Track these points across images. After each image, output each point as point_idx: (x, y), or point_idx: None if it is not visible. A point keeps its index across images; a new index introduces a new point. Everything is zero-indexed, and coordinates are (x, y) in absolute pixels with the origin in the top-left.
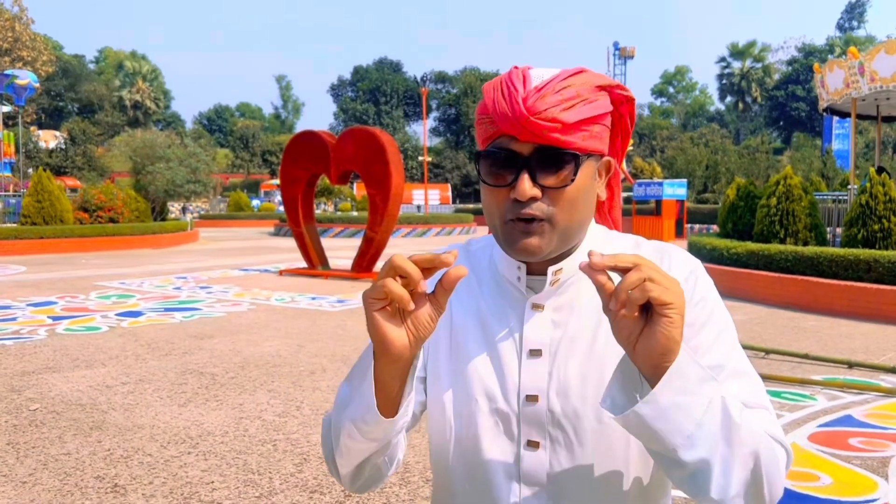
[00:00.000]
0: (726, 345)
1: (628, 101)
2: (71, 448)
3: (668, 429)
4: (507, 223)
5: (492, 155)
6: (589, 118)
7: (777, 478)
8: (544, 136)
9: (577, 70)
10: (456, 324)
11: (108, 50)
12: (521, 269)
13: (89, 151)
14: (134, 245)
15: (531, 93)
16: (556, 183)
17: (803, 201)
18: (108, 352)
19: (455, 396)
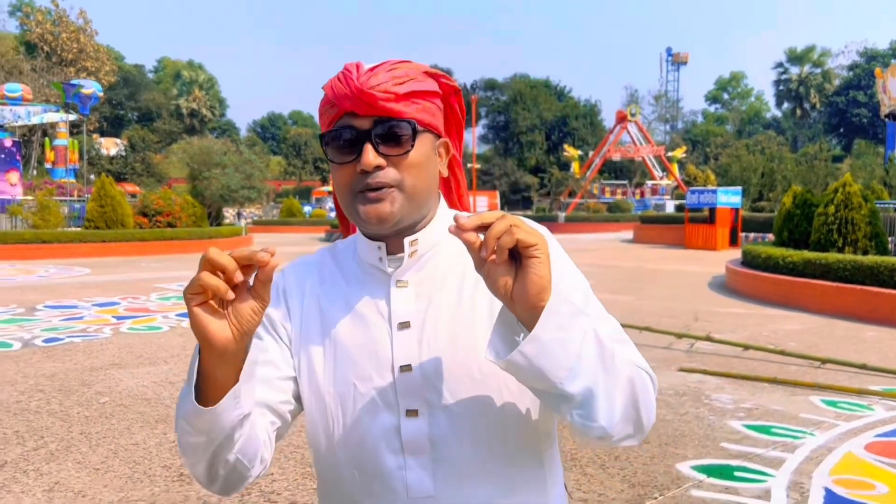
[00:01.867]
0: (581, 294)
1: (455, 91)
2: (139, 439)
3: (551, 364)
4: (357, 195)
5: (335, 133)
6: (419, 91)
7: (650, 403)
8: (379, 106)
9: (404, 60)
10: (326, 318)
11: (167, 59)
12: (382, 249)
13: (148, 158)
14: (191, 249)
15: (365, 73)
16: (398, 151)
17: (863, 209)
18: (170, 350)
19: (334, 384)
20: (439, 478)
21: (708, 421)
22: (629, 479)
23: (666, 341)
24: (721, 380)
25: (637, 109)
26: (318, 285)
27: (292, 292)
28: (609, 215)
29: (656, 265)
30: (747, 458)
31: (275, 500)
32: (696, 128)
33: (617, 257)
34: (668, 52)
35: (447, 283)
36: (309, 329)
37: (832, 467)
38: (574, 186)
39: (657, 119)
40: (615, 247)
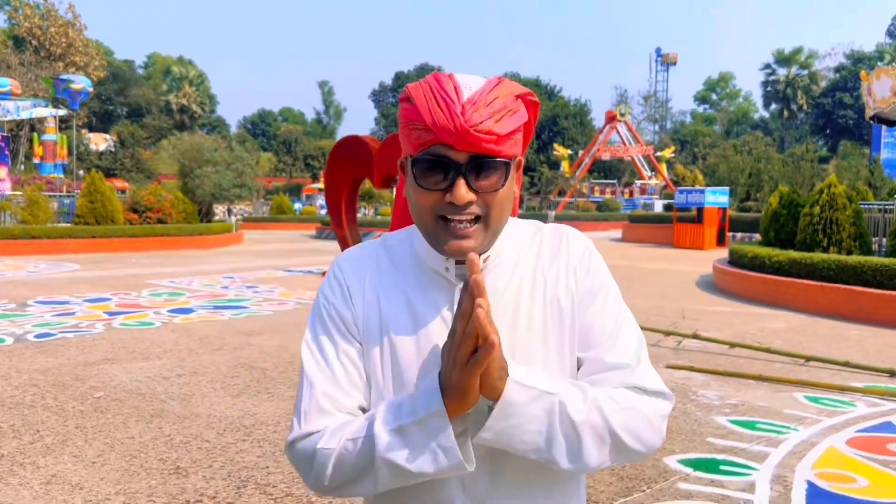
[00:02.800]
0: (611, 314)
1: (535, 105)
2: (134, 433)
3: (513, 446)
4: (439, 220)
5: (428, 162)
6: (516, 129)
7: (645, 430)
8: (481, 147)
9: (497, 81)
10: (385, 316)
11: (157, 55)
12: (450, 261)
13: (137, 154)
14: (181, 245)
15: (467, 106)
16: (490, 187)
17: (847, 210)
18: (163, 345)
19: (394, 386)
20: (495, 487)
21: (694, 416)
22: (617, 472)
23: (654, 339)
24: (707, 376)
25: (626, 109)
26: (377, 282)
27: (354, 289)
28: (598, 214)
29: (645, 264)
30: (732, 452)
31: (271, 492)
32: (685, 128)
33: (606, 256)
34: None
35: (506, 296)
36: (370, 329)
37: (815, 461)
38: (564, 185)
39: (646, 119)
40: (604, 246)
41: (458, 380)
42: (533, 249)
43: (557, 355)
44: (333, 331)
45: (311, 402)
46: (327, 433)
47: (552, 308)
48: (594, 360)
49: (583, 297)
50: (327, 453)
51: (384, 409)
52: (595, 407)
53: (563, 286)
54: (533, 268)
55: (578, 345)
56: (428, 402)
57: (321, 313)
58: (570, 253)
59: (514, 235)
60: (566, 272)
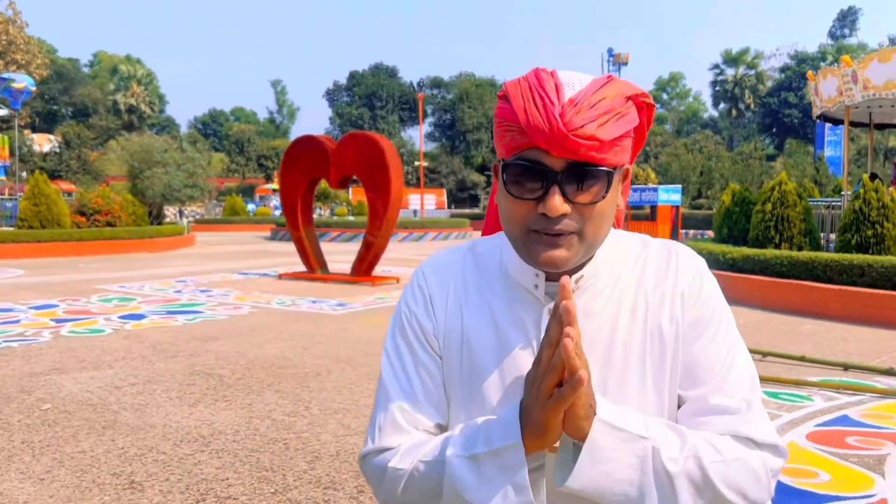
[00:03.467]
0: (722, 348)
1: (649, 107)
2: (85, 446)
3: (604, 494)
4: (531, 233)
5: (521, 168)
6: (623, 134)
7: (751, 487)
8: (580, 154)
9: (607, 79)
10: (468, 330)
11: (103, 54)
12: (539, 277)
13: (84, 155)
14: (131, 249)
15: (567, 107)
16: (588, 199)
17: (798, 207)
18: (114, 353)
19: (471, 406)
20: None
21: None
22: None
23: None
24: None
25: None
26: (461, 293)
27: (437, 299)
28: None
29: None
30: None
31: None
32: None
33: None
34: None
35: (601, 318)
36: (450, 343)
37: None
38: None
39: None
40: None
41: (538, 415)
42: (637, 268)
43: (656, 391)
44: (414, 341)
45: (387, 416)
46: (400, 451)
47: (653, 337)
48: (698, 400)
49: (690, 327)
50: (399, 474)
51: (459, 434)
52: (693, 456)
53: (667, 312)
54: (635, 289)
55: (681, 381)
56: (505, 433)
57: (402, 322)
58: (679, 274)
59: (616, 251)
60: (672, 296)
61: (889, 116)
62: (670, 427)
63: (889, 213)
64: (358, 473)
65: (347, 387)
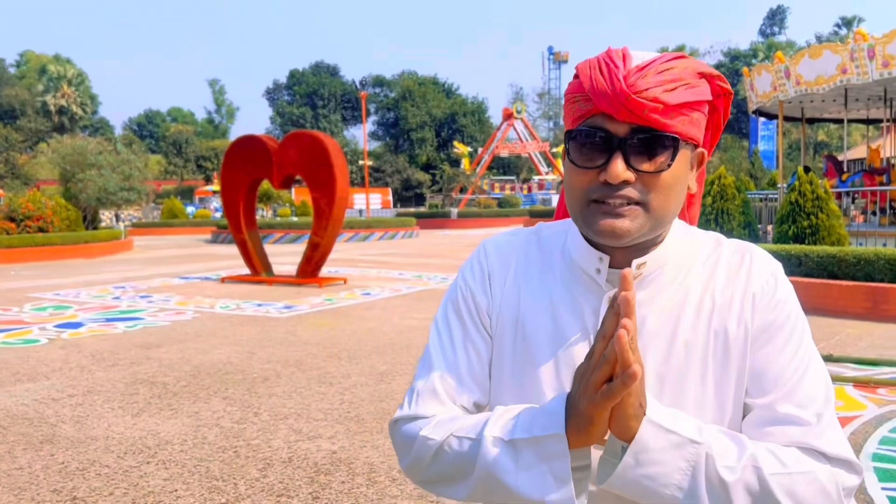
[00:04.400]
0: (794, 355)
1: (726, 94)
2: (23, 462)
3: (649, 498)
4: (591, 204)
5: (584, 134)
6: (690, 102)
7: (819, 502)
8: (644, 116)
9: (678, 54)
10: (524, 313)
11: (30, 53)
12: (603, 262)
13: (12, 159)
14: (65, 255)
15: (632, 71)
16: (652, 167)
17: (737, 200)
18: (51, 364)
19: (521, 390)
20: None
21: None
22: None
23: None
24: None
25: (522, 107)
26: (521, 274)
27: (496, 277)
28: (499, 210)
29: None
30: None
31: None
32: None
33: None
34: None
35: (665, 313)
36: (504, 323)
37: None
38: (465, 182)
39: (541, 116)
40: None
41: (585, 408)
42: (707, 266)
43: (717, 396)
44: (466, 316)
45: (427, 383)
46: (435, 422)
47: (718, 338)
48: (765, 408)
49: (760, 332)
50: (431, 444)
51: (499, 416)
52: (753, 466)
53: (735, 314)
54: (703, 287)
55: (749, 389)
56: (548, 422)
57: (457, 295)
58: (752, 275)
59: (688, 246)
60: (742, 298)
61: (820, 111)
62: (728, 434)
63: (823, 205)
64: (312, 479)
65: (297, 391)
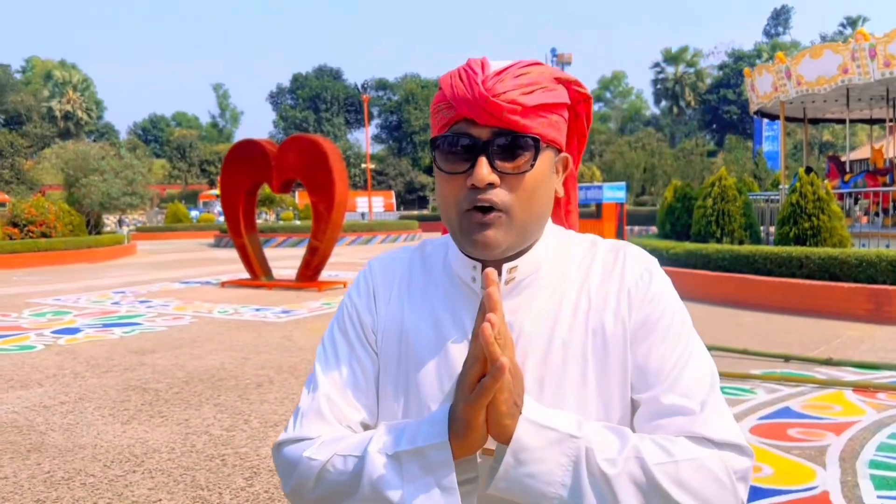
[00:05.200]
0: (675, 347)
1: (585, 99)
2: (8, 472)
3: (534, 498)
4: (464, 213)
5: (448, 140)
6: (548, 104)
7: (709, 489)
8: (503, 119)
9: (534, 61)
10: (408, 327)
11: (36, 59)
12: (476, 269)
13: (17, 164)
14: (68, 260)
15: (490, 76)
16: (515, 169)
17: (738, 202)
18: (45, 371)
19: (406, 403)
20: None
21: None
22: None
23: None
24: None
25: None
26: (405, 289)
27: (381, 294)
28: None
29: None
30: None
31: None
32: None
33: None
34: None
35: (542, 317)
36: (389, 338)
37: None
38: None
39: None
40: None
41: (462, 411)
42: (582, 268)
43: (598, 393)
44: (352, 334)
45: (312, 404)
46: (318, 442)
47: (596, 336)
48: (650, 402)
49: (638, 327)
50: (314, 465)
51: (383, 431)
52: (634, 457)
53: (612, 311)
54: (579, 288)
55: (634, 384)
56: (432, 432)
57: (343, 314)
58: (626, 272)
59: (563, 250)
60: (618, 295)
61: (822, 111)
62: (610, 428)
63: (824, 206)
64: None
65: (290, 397)
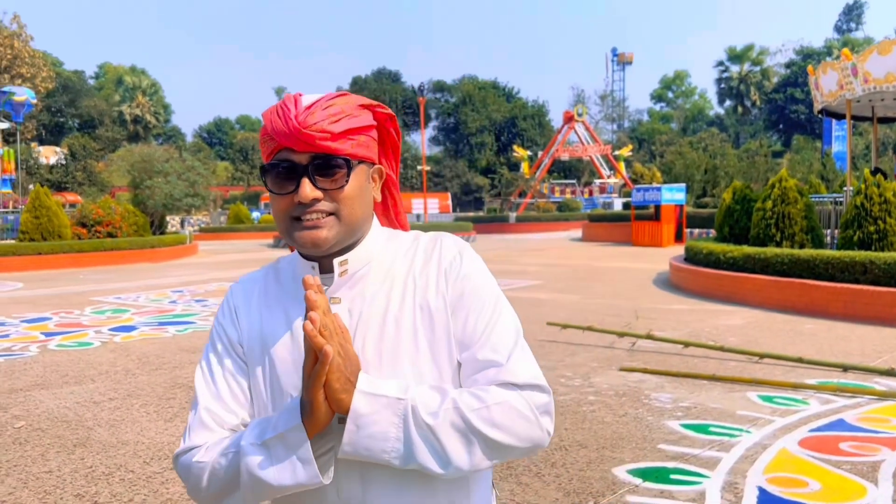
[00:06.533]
0: (485, 312)
1: (390, 118)
2: (53, 466)
3: (377, 455)
4: (294, 221)
5: (274, 167)
6: (354, 128)
7: (518, 425)
8: (316, 145)
9: (340, 93)
10: (266, 333)
11: (108, 65)
12: (315, 269)
13: (89, 167)
14: (132, 259)
15: (302, 111)
16: (333, 185)
17: (799, 204)
18: (98, 367)
19: (272, 398)
20: (368, 483)
21: (646, 422)
22: (564, 486)
23: (608, 340)
24: (661, 378)
25: (584, 109)
26: (262, 301)
27: (241, 310)
28: (559, 214)
29: (603, 263)
30: (684, 459)
31: None
32: (642, 126)
33: (565, 256)
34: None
35: (376, 301)
36: (252, 346)
37: (766, 465)
38: (524, 186)
39: (604, 118)
40: (564, 245)
41: (305, 395)
42: (408, 257)
43: (431, 358)
44: (222, 351)
45: (196, 416)
46: (205, 447)
47: (423, 311)
48: (469, 360)
49: (456, 300)
50: (202, 466)
51: (253, 426)
52: (452, 408)
53: (433, 289)
54: (405, 273)
55: (457, 347)
56: (288, 418)
57: (213, 334)
58: (442, 256)
59: (390, 245)
60: (437, 275)
61: (891, 109)
62: (434, 388)
63: (891, 209)
64: None
65: None
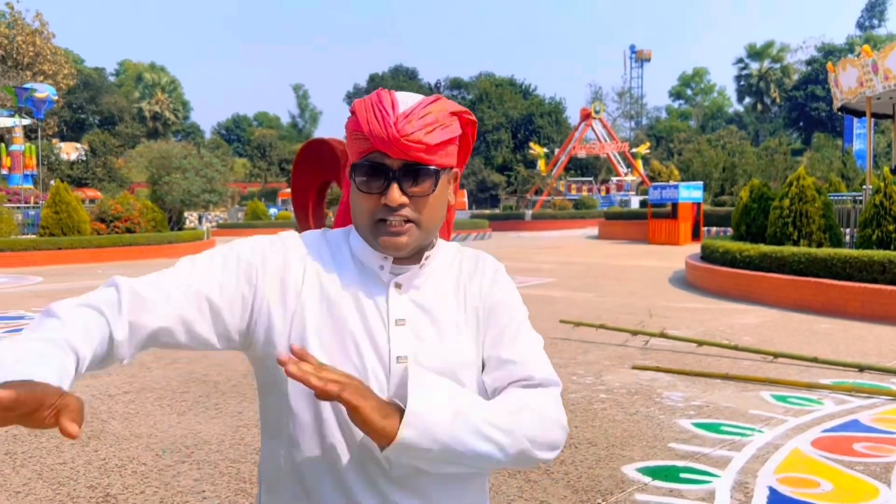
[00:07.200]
0: (513, 322)
1: (472, 124)
2: (67, 458)
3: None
4: (378, 223)
5: (366, 167)
6: (446, 141)
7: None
8: (411, 155)
9: (434, 98)
10: (326, 299)
11: (128, 62)
12: (387, 260)
13: (110, 163)
14: (150, 254)
15: (400, 117)
16: (421, 192)
17: (817, 202)
18: None
19: (331, 350)
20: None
21: (658, 420)
22: (573, 483)
23: (621, 338)
24: (674, 377)
25: (601, 106)
26: (319, 263)
27: (295, 256)
28: (575, 212)
29: (619, 261)
30: (694, 458)
31: None
32: (660, 123)
33: (580, 254)
34: (632, 49)
35: (435, 293)
36: (311, 304)
37: (777, 465)
38: (540, 184)
39: (621, 116)
40: (580, 243)
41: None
42: (454, 267)
43: (478, 356)
44: (234, 264)
45: (148, 279)
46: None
47: (467, 313)
48: (495, 358)
49: (490, 307)
50: None
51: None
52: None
53: (476, 295)
54: (455, 282)
55: (485, 348)
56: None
57: (238, 248)
58: (485, 270)
59: (442, 251)
60: (479, 285)
61: None
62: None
63: None
64: None
65: None
